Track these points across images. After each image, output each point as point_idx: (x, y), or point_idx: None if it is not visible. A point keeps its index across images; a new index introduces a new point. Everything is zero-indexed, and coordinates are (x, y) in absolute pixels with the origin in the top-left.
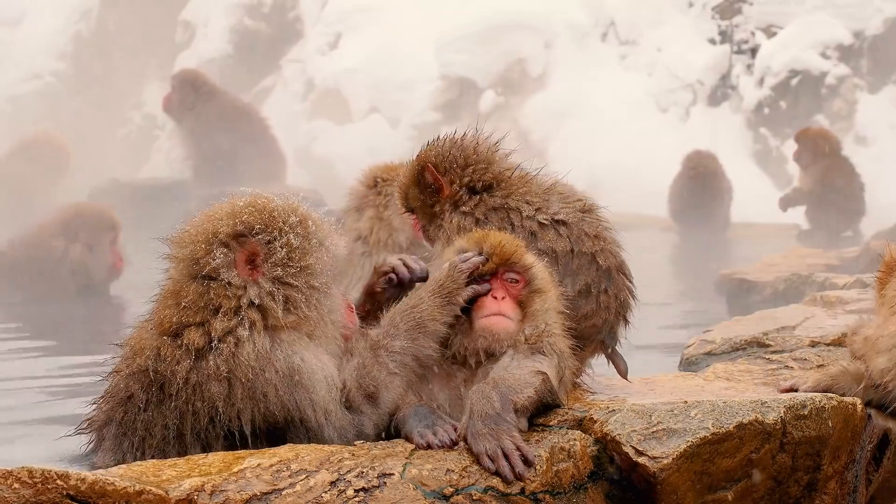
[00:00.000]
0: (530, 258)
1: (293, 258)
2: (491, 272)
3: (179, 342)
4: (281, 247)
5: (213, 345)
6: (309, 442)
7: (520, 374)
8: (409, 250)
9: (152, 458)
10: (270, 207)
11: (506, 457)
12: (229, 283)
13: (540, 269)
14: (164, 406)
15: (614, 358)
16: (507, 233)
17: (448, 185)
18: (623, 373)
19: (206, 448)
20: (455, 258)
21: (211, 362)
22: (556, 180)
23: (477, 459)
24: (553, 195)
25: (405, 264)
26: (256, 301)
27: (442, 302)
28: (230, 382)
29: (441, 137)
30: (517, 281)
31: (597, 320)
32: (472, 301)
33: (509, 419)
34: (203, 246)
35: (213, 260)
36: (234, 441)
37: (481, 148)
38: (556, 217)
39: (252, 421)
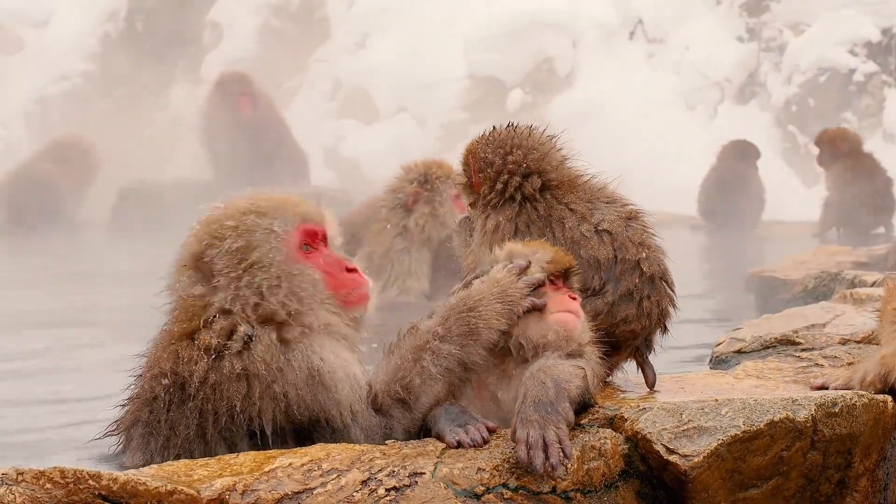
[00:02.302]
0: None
1: (234, 262)
2: (554, 278)
3: (196, 344)
4: (223, 255)
5: (226, 344)
6: (335, 441)
7: (563, 367)
8: (444, 244)
9: (178, 456)
10: (214, 218)
11: (545, 448)
12: (202, 296)
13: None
14: (185, 406)
15: (644, 367)
16: (548, 241)
17: (478, 185)
18: (650, 384)
19: (231, 447)
20: (513, 264)
21: (226, 361)
22: (604, 184)
23: (515, 446)
24: (599, 202)
25: None
26: (227, 306)
27: (503, 310)
28: (248, 380)
29: (505, 130)
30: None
31: (636, 326)
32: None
33: (561, 409)
34: (176, 273)
35: (180, 283)
36: (259, 440)
37: (530, 156)
38: (599, 227)
39: (274, 420)
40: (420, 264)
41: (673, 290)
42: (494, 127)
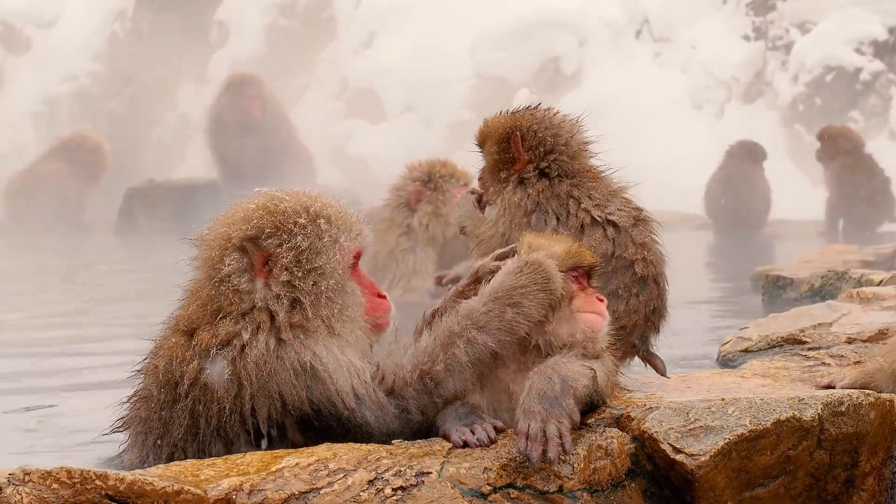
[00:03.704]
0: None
1: (301, 261)
2: (579, 276)
3: (190, 343)
4: (289, 250)
5: (218, 348)
6: (343, 427)
7: (572, 366)
8: (451, 243)
9: (171, 455)
10: (281, 209)
11: (545, 441)
12: (237, 289)
13: None
14: (176, 406)
15: (650, 359)
16: (559, 221)
17: (525, 162)
18: (662, 371)
19: (228, 444)
20: (545, 259)
21: (217, 364)
22: (623, 186)
23: (516, 437)
24: (616, 198)
25: None
26: (261, 304)
27: (545, 300)
28: (239, 384)
29: (544, 111)
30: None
31: (625, 321)
32: None
33: (565, 404)
34: (218, 251)
35: (227, 266)
36: (260, 436)
37: (574, 140)
38: (609, 217)
39: (269, 419)
40: (425, 263)
41: (664, 295)
42: (530, 106)
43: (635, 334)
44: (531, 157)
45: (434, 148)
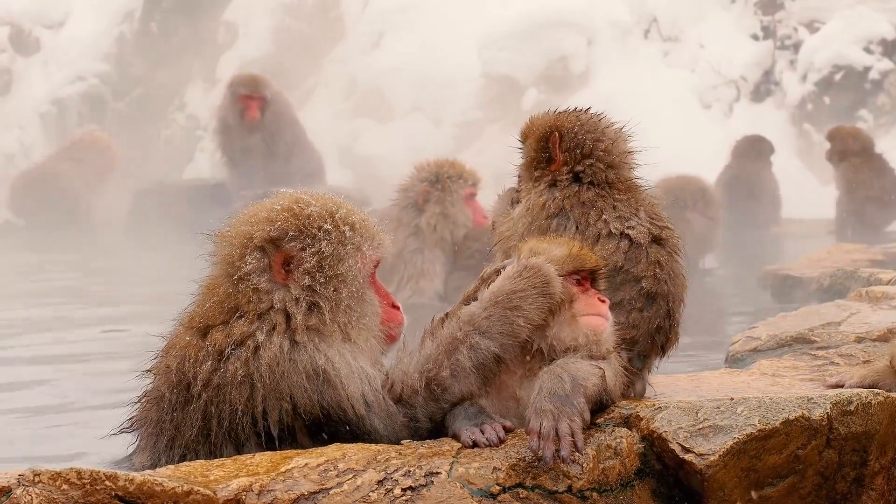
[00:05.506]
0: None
1: (323, 267)
2: (581, 278)
3: (204, 343)
4: (312, 255)
5: (232, 348)
6: (352, 433)
7: (581, 366)
8: (463, 244)
9: (182, 457)
10: (306, 213)
11: (557, 440)
12: (256, 289)
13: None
14: (188, 408)
15: (633, 377)
16: (578, 229)
17: (561, 163)
18: (638, 394)
19: (238, 447)
20: (544, 263)
21: (231, 366)
22: (656, 202)
23: (528, 436)
24: (642, 213)
25: None
26: (279, 306)
27: (545, 304)
28: (251, 385)
29: (591, 114)
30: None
31: (624, 334)
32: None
33: (576, 403)
34: (238, 249)
35: (246, 264)
36: (270, 439)
37: (616, 148)
38: (627, 231)
39: (280, 421)
40: (433, 264)
41: (674, 316)
42: (580, 108)
43: (634, 349)
44: (566, 160)
45: (442, 148)
